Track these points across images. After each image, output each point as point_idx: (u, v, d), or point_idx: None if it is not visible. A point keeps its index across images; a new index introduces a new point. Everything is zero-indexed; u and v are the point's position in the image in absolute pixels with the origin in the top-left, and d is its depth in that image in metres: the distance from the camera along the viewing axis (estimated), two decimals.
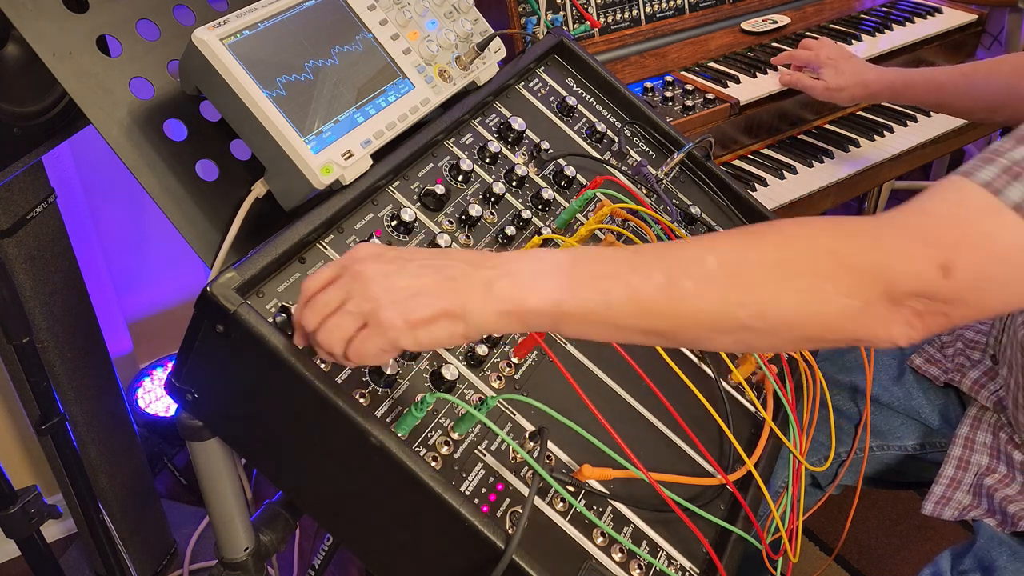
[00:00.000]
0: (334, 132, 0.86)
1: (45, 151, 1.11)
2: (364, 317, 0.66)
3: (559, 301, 0.65)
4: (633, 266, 0.67)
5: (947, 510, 1.12)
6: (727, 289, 0.65)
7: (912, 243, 0.65)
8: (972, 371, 1.17)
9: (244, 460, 0.88)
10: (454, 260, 0.69)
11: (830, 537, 1.89)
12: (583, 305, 0.65)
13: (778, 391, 0.99)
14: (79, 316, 1.39)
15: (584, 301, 0.65)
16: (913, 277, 0.64)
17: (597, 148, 1.14)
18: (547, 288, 0.66)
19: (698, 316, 0.65)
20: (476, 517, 0.71)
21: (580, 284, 0.66)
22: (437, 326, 0.66)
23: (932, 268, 0.63)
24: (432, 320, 0.65)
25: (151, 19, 0.92)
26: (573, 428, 0.77)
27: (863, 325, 0.65)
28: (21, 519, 1.16)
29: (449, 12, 1.03)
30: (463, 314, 0.66)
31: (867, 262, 0.64)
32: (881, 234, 0.66)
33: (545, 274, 0.66)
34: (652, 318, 0.66)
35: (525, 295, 0.66)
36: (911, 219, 0.67)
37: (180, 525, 1.81)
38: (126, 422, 1.57)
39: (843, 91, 1.50)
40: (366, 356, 0.67)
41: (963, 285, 0.63)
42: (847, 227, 0.67)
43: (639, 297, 0.65)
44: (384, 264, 0.68)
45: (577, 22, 1.59)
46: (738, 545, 0.87)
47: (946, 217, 0.66)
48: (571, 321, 0.66)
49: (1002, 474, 1.09)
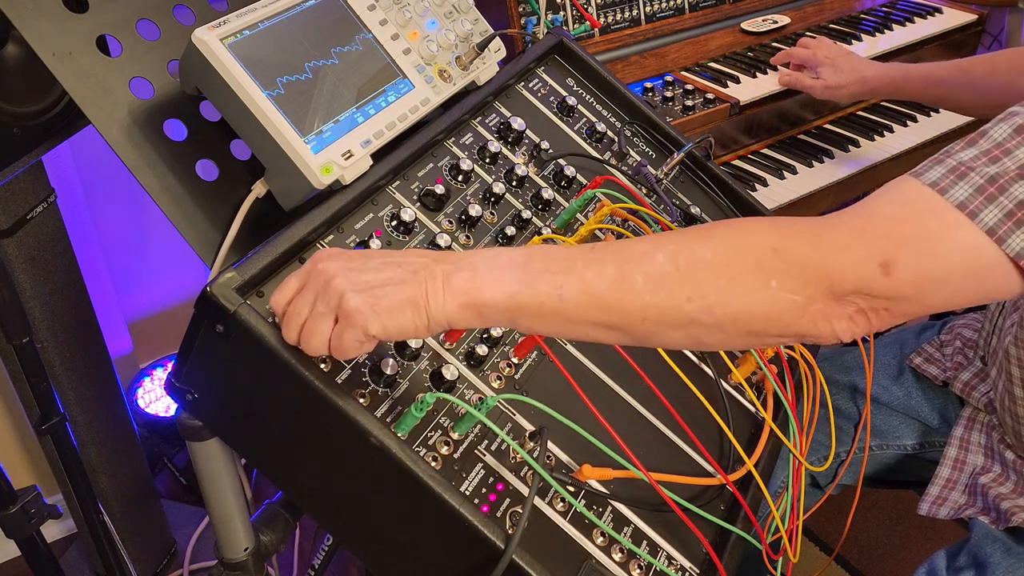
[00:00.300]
0: (334, 132, 0.86)
1: (45, 151, 1.11)
2: (334, 311, 0.67)
3: (514, 294, 0.67)
4: (587, 261, 0.68)
5: (943, 510, 1.12)
6: (675, 284, 0.67)
7: (854, 241, 0.67)
8: (964, 372, 1.17)
9: (244, 460, 0.88)
10: (415, 257, 0.70)
11: (830, 537, 1.89)
12: (537, 298, 0.67)
13: (778, 391, 0.99)
14: (79, 316, 1.39)
15: (538, 294, 0.67)
16: (854, 274, 0.66)
17: (597, 148, 1.14)
18: (503, 282, 0.67)
19: (647, 310, 0.67)
20: (476, 517, 0.71)
21: (535, 278, 0.67)
22: (403, 315, 0.67)
23: (873, 266, 0.65)
24: (398, 308, 0.67)
25: (151, 19, 0.92)
26: (573, 428, 0.77)
27: (807, 320, 0.67)
28: (21, 519, 1.16)
29: (449, 12, 1.03)
30: (425, 305, 0.67)
31: (810, 259, 0.66)
32: (825, 233, 0.68)
33: (501, 268, 0.68)
34: (604, 312, 0.67)
35: (481, 288, 0.67)
36: (855, 218, 0.69)
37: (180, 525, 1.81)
38: (126, 422, 1.57)
39: (842, 89, 1.50)
40: (347, 350, 0.68)
41: (904, 282, 0.65)
42: (793, 226, 0.69)
43: (591, 290, 0.67)
44: (346, 262, 0.69)
45: (577, 22, 1.59)
46: (738, 545, 0.87)
47: (889, 216, 0.68)
48: (526, 314, 0.68)
49: (996, 473, 1.10)
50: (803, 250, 0.67)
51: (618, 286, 0.67)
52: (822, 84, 1.53)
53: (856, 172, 1.64)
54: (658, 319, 0.67)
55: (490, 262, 0.69)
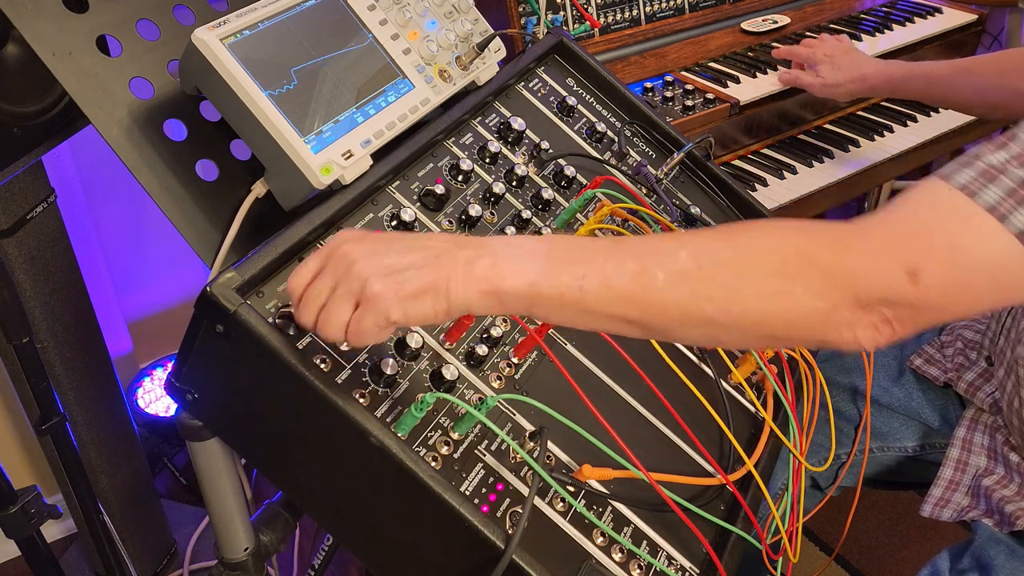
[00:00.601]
0: (334, 132, 0.86)
1: (45, 151, 1.11)
2: (356, 296, 0.66)
3: (534, 283, 0.66)
4: (608, 254, 0.68)
5: (945, 512, 1.12)
6: (696, 283, 0.66)
7: (881, 249, 0.66)
8: (968, 372, 1.17)
9: (244, 460, 0.88)
10: (437, 240, 0.70)
11: (830, 537, 1.89)
12: (557, 288, 0.66)
13: (778, 391, 0.99)
14: (79, 316, 1.39)
15: (559, 284, 0.66)
16: (881, 283, 0.65)
17: (597, 148, 1.14)
18: (524, 271, 0.67)
19: (667, 307, 0.67)
20: (476, 517, 0.71)
21: (556, 268, 0.67)
22: (424, 300, 0.66)
23: (900, 274, 0.64)
24: (420, 293, 0.66)
25: (151, 19, 0.92)
26: (573, 428, 0.77)
27: (830, 327, 0.66)
28: (21, 519, 1.16)
29: (449, 12, 1.03)
30: (446, 291, 0.66)
31: (837, 266, 0.66)
32: (852, 239, 0.67)
33: (523, 257, 0.68)
34: (623, 305, 0.67)
35: (503, 275, 0.67)
36: (882, 224, 0.68)
37: (180, 525, 1.81)
38: (126, 422, 1.57)
39: (840, 87, 1.50)
40: (366, 336, 0.67)
41: (931, 290, 0.64)
42: (819, 230, 0.68)
43: (612, 284, 0.66)
44: (369, 244, 0.68)
45: (577, 22, 1.59)
46: (738, 545, 0.87)
47: (917, 222, 0.67)
48: (545, 304, 0.67)
49: (1000, 475, 1.09)
50: (829, 256, 0.66)
51: (639, 281, 0.66)
52: (820, 82, 1.53)
53: (856, 172, 1.64)
54: (677, 316, 0.67)
55: (512, 249, 0.68)
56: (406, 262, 0.67)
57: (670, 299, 0.66)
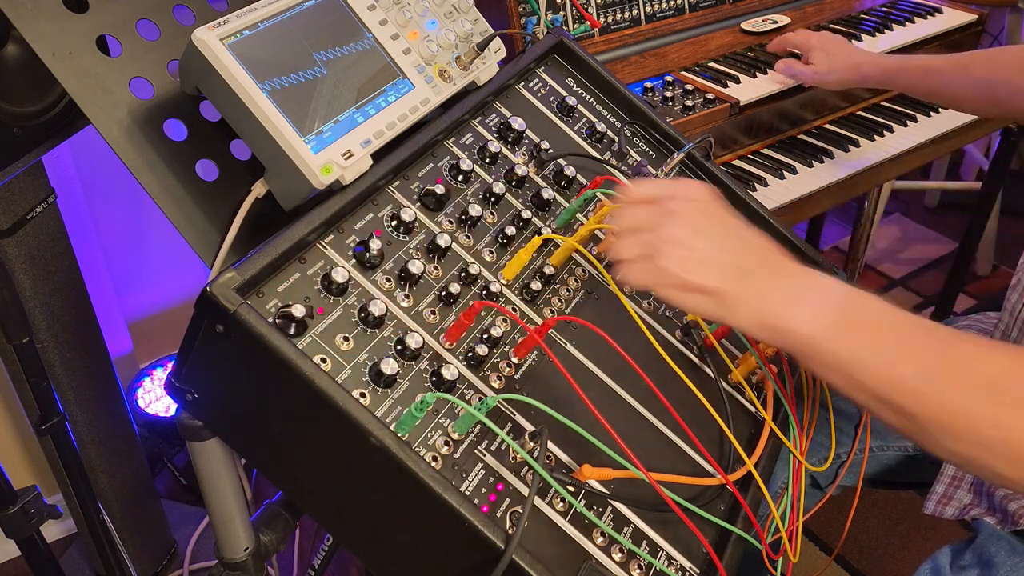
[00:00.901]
0: (334, 132, 0.86)
1: (45, 151, 1.11)
2: (650, 251, 0.70)
3: (818, 338, 0.68)
4: (900, 338, 0.68)
5: (948, 509, 1.12)
6: (987, 406, 0.64)
7: None
8: None
9: (244, 460, 0.88)
10: (753, 254, 0.72)
11: (830, 537, 1.89)
12: (836, 353, 0.68)
13: (778, 391, 0.99)
14: (79, 316, 1.39)
15: (838, 349, 0.67)
16: None
17: (597, 148, 1.14)
18: (812, 321, 0.68)
19: (943, 418, 0.65)
20: (476, 517, 0.71)
21: (844, 331, 0.68)
22: (701, 298, 0.69)
23: None
24: (701, 290, 0.69)
25: (151, 19, 0.92)
26: (573, 428, 0.77)
27: None
28: (21, 519, 1.16)
29: (449, 12, 1.03)
30: (731, 305, 0.69)
31: None
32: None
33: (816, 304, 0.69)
34: (897, 395, 0.66)
35: (788, 317, 0.68)
36: None
37: (180, 525, 1.81)
38: (126, 422, 1.57)
39: (832, 75, 1.50)
40: (630, 280, 0.71)
41: None
42: None
43: (892, 373, 0.66)
44: (697, 217, 0.71)
45: (577, 22, 1.59)
46: (738, 545, 0.87)
47: None
48: (817, 358, 0.69)
49: None
50: None
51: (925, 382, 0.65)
52: (812, 70, 1.53)
53: (856, 172, 1.64)
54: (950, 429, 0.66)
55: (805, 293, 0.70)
56: (712, 256, 0.70)
57: (951, 411, 0.65)
